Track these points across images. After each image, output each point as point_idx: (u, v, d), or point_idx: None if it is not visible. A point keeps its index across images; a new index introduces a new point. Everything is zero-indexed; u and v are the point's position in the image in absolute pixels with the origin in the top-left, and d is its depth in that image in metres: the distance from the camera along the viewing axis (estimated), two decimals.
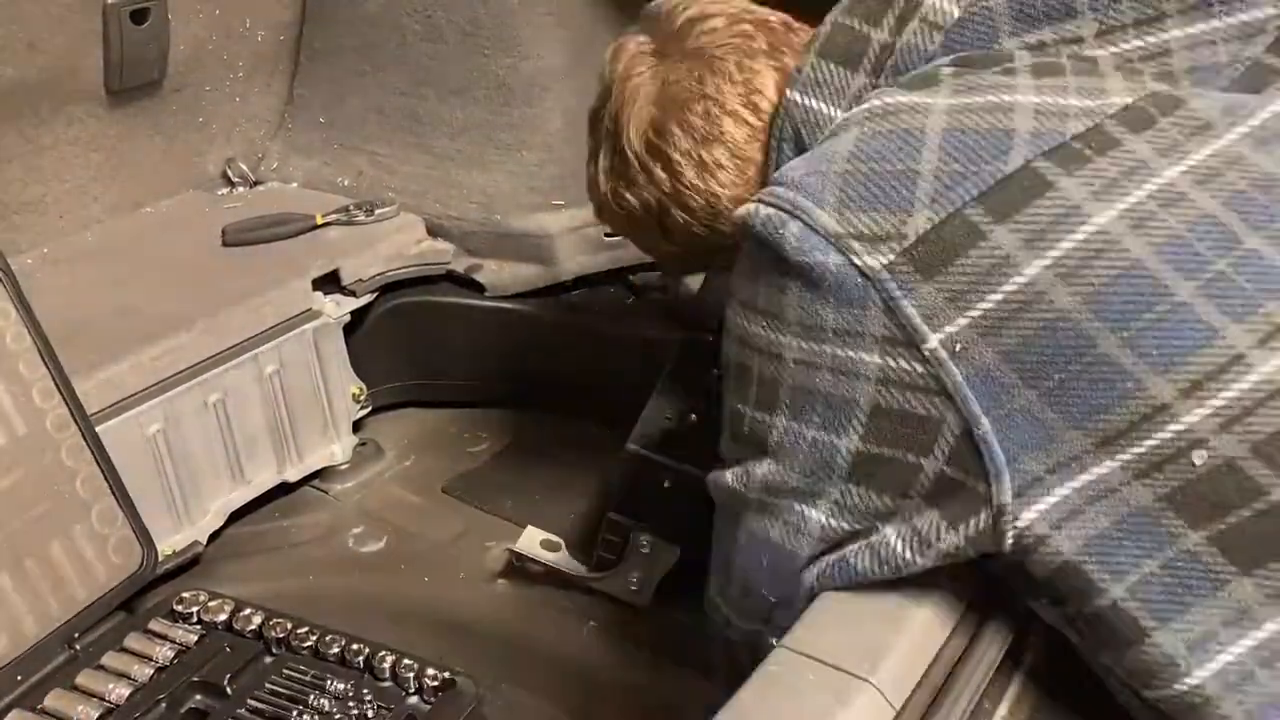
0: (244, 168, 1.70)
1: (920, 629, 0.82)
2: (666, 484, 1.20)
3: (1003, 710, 0.82)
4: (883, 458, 0.79)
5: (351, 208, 1.58)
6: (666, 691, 1.12)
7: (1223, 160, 0.77)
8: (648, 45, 0.99)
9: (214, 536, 1.36)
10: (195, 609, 1.13)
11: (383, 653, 1.05)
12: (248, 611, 1.11)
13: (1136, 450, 0.73)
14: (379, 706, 1.01)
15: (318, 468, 1.49)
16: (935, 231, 0.75)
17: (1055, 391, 0.73)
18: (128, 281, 1.43)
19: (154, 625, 1.12)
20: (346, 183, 1.67)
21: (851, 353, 0.77)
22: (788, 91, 0.92)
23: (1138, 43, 0.88)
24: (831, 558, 0.83)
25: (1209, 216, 0.74)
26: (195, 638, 1.10)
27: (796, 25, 0.99)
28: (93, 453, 1.14)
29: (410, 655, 1.04)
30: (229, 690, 1.04)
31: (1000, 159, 0.76)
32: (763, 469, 0.85)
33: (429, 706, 1.01)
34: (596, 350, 1.50)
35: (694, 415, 1.21)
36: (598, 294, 1.56)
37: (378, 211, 1.58)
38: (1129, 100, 0.81)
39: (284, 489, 1.46)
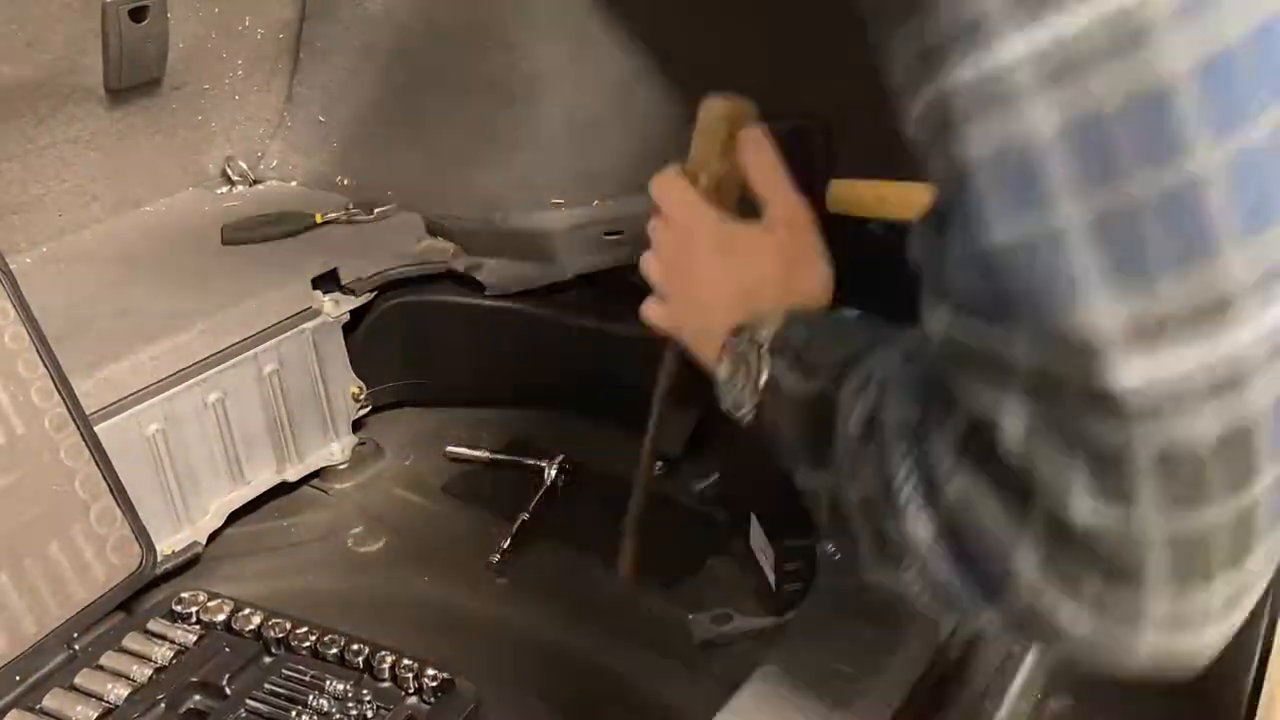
0: (244, 166, 1.70)
1: (920, 629, 0.81)
2: None
3: (1003, 711, 0.82)
4: None
5: (351, 207, 1.58)
6: (666, 691, 1.12)
7: None
8: None
9: (213, 536, 1.35)
10: (194, 609, 1.12)
11: (382, 653, 1.04)
12: (247, 611, 1.11)
13: None
14: (379, 706, 1.01)
15: (317, 467, 1.49)
16: None
17: None
18: (127, 281, 1.43)
19: (153, 625, 1.11)
20: (346, 182, 1.66)
21: None
22: None
23: None
24: None
25: None
26: (194, 638, 1.09)
27: None
28: (92, 453, 1.14)
29: (410, 655, 1.04)
30: (228, 690, 1.03)
31: None
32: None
33: (429, 706, 1.01)
34: (596, 350, 1.50)
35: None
36: (598, 294, 1.56)
37: (377, 210, 1.58)
38: None
39: (283, 489, 1.45)
